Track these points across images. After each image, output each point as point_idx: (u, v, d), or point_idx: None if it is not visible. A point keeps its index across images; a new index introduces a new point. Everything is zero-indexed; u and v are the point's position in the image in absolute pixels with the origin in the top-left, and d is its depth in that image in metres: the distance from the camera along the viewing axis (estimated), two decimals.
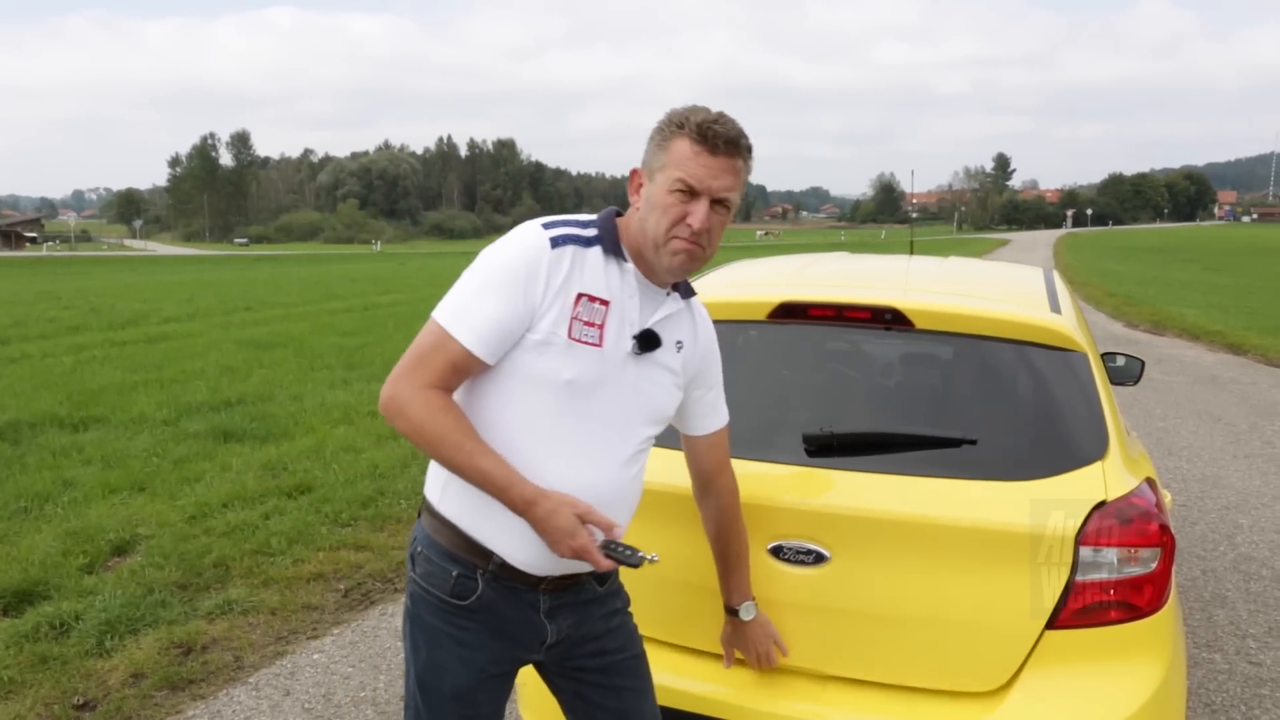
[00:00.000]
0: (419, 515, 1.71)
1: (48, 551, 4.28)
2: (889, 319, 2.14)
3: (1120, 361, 3.78)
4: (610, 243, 1.60)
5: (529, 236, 1.56)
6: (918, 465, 1.99)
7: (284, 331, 13.60)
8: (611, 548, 1.52)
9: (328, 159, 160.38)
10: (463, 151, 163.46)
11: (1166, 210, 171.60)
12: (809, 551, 1.97)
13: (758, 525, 1.99)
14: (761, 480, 2.03)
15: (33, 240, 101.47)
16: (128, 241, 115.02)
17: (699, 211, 1.54)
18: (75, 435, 6.90)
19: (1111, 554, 1.91)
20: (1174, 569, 1.99)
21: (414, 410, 1.50)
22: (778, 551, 2.01)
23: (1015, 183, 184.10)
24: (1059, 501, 1.88)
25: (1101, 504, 1.88)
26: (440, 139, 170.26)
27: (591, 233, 1.60)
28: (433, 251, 64.38)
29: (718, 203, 1.56)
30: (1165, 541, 1.91)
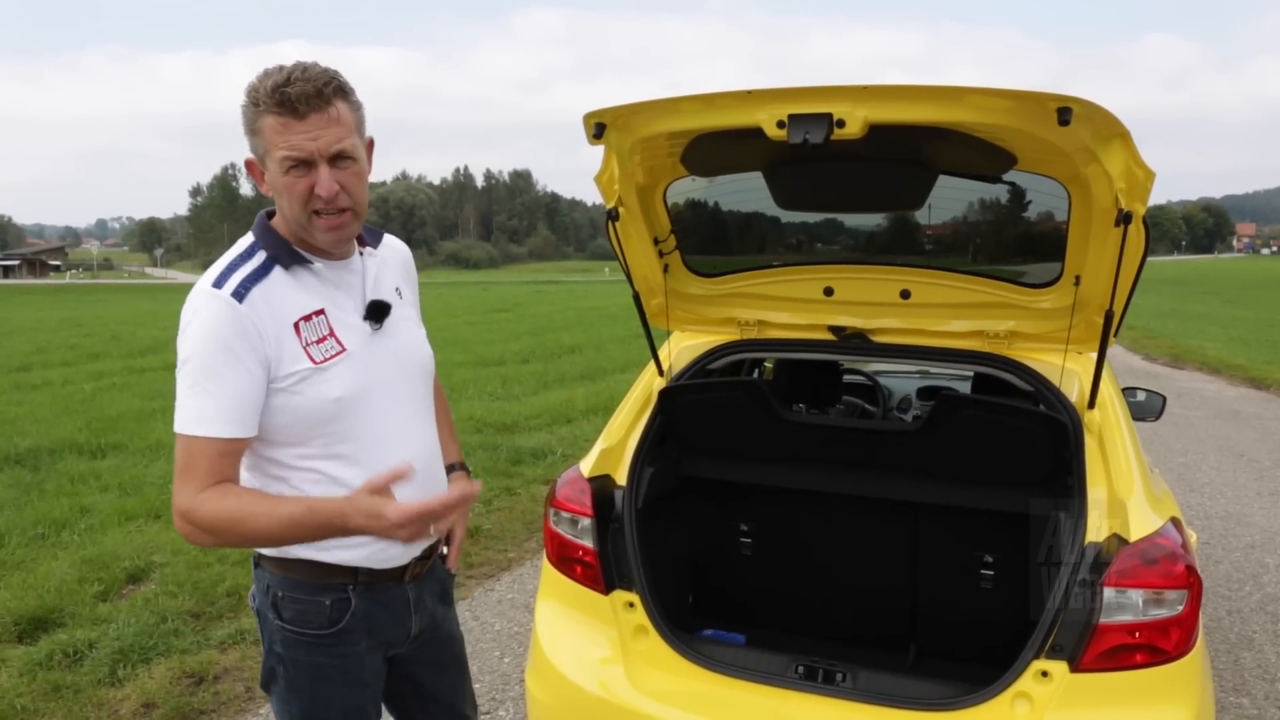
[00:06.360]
0: (255, 567, 1.67)
1: (64, 578, 4.29)
2: None
3: (1141, 396, 3.72)
4: (284, 254, 1.55)
5: (211, 306, 1.48)
6: None
7: None
8: None
9: None
10: (479, 182, 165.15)
11: (1184, 243, 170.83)
12: None
13: None
14: None
15: (56, 268, 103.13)
16: (149, 269, 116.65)
17: (322, 179, 1.47)
18: (94, 462, 6.96)
19: (1136, 595, 1.87)
20: (1201, 611, 1.95)
21: (199, 514, 1.44)
22: None
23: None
24: None
25: None
26: (457, 169, 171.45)
27: (261, 258, 1.54)
28: (449, 281, 64.90)
29: (339, 157, 1.48)
30: (1192, 583, 1.88)
